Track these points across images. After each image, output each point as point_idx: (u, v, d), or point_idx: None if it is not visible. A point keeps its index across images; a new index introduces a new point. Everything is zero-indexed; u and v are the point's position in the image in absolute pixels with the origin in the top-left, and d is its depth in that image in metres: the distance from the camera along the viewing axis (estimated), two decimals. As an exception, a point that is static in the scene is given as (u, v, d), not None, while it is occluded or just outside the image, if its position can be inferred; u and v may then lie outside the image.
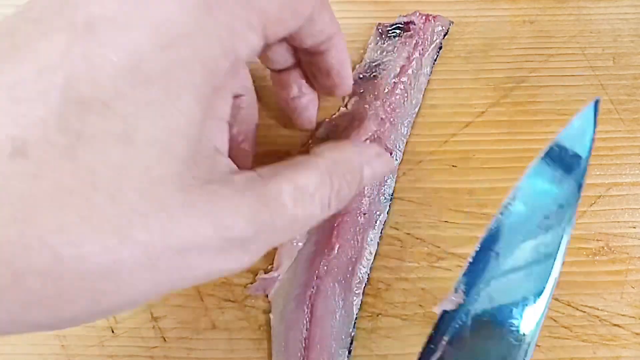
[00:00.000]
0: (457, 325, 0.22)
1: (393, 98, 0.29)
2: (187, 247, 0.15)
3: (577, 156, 0.24)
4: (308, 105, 0.26)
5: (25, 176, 0.13)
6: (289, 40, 0.22)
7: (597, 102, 0.24)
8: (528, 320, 0.22)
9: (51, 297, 0.14)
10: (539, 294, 0.22)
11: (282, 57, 0.24)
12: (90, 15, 0.15)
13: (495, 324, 0.22)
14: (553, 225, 0.23)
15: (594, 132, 0.24)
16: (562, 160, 0.24)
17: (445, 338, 0.22)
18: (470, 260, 0.23)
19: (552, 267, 0.23)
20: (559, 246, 0.23)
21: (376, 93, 0.29)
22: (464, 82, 0.31)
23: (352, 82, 0.25)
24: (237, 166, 0.19)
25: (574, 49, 0.32)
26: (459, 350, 0.22)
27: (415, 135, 0.30)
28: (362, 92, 0.29)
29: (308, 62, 0.24)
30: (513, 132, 0.30)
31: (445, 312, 0.23)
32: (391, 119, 0.29)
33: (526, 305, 0.22)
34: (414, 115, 0.30)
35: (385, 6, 0.33)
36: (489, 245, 0.23)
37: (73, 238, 0.14)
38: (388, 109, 0.29)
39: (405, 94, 0.30)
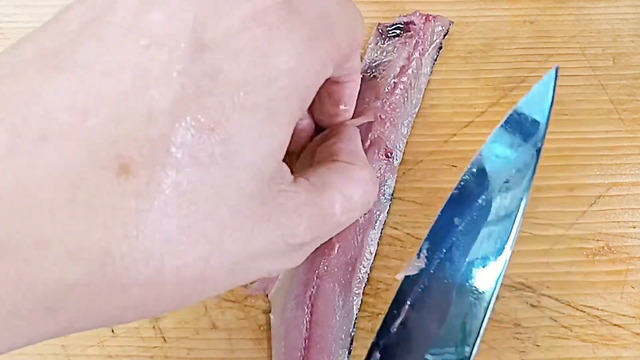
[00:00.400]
0: (419, 290, 0.23)
1: (393, 98, 0.29)
2: (261, 254, 0.17)
3: (536, 122, 0.24)
4: (306, 127, 0.27)
5: (133, 194, 0.14)
6: None
7: (557, 70, 0.25)
8: (488, 280, 0.23)
9: (148, 302, 0.15)
10: (499, 253, 0.23)
11: None
12: (201, 34, 0.15)
13: (456, 285, 0.23)
14: (512, 188, 0.24)
15: (553, 98, 0.24)
16: (522, 126, 0.24)
17: (408, 302, 0.23)
18: (433, 225, 0.24)
19: (511, 228, 0.23)
20: (518, 208, 0.23)
21: (376, 93, 0.29)
22: (464, 82, 0.31)
23: (350, 116, 0.26)
24: None
25: (574, 49, 0.32)
26: (421, 313, 0.23)
27: (415, 135, 0.30)
28: (361, 92, 0.29)
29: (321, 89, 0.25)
30: (513, 132, 0.30)
31: (407, 277, 0.24)
32: (391, 119, 0.29)
33: (486, 264, 0.23)
34: (414, 115, 0.30)
35: (386, 6, 0.33)
36: (450, 210, 0.24)
37: (174, 250, 0.15)
38: (388, 109, 0.29)
39: (405, 94, 0.30)
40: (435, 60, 0.31)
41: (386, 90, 0.29)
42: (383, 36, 0.31)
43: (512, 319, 0.27)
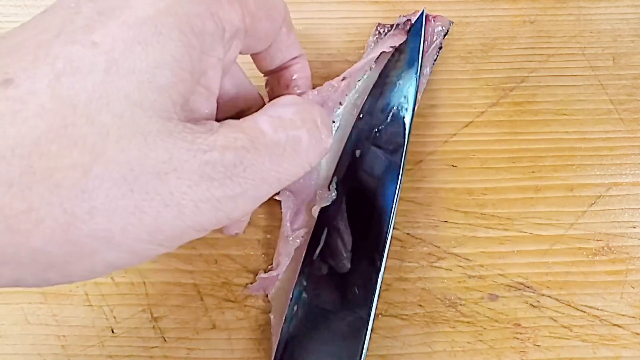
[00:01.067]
0: (332, 217, 0.27)
1: None
2: (164, 171, 0.16)
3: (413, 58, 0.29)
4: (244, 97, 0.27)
5: (12, 100, 0.15)
6: (261, 61, 0.24)
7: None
8: (388, 195, 0.26)
9: (19, 213, 0.15)
10: (396, 174, 0.27)
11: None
12: None
13: (363, 205, 0.27)
14: (397, 116, 0.28)
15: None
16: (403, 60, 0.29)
17: (325, 229, 0.27)
18: (338, 160, 0.28)
19: (403, 147, 0.27)
20: (405, 131, 0.27)
21: None
22: (464, 82, 0.31)
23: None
24: None
25: (574, 49, 0.32)
26: (337, 235, 0.26)
27: (415, 135, 0.30)
28: None
29: (270, 79, 0.26)
30: (513, 132, 0.30)
31: (322, 209, 0.27)
32: None
33: (384, 183, 0.27)
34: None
35: (386, 6, 0.33)
36: (350, 146, 0.28)
37: (45, 150, 0.15)
38: None
39: None
40: (435, 60, 0.31)
41: None
42: (382, 36, 0.31)
43: (512, 319, 0.27)
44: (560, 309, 0.27)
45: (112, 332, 0.27)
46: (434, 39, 0.31)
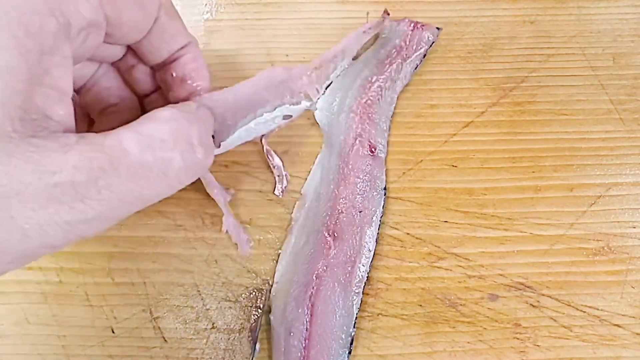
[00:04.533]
0: None
1: (370, 94, 0.30)
2: (5, 194, 0.15)
3: None
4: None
5: None
6: (145, 54, 0.23)
7: None
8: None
9: None
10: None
11: (145, 80, 0.24)
12: None
13: None
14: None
15: None
16: None
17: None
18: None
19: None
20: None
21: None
22: (464, 82, 0.31)
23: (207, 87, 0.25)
24: None
25: (574, 49, 0.32)
26: None
27: (415, 135, 0.30)
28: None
29: (163, 74, 0.24)
30: (513, 132, 0.30)
31: None
32: (369, 114, 0.29)
33: None
34: (391, 112, 0.30)
35: (385, 6, 0.33)
36: None
37: None
38: (364, 103, 0.30)
39: (380, 92, 0.30)
40: (416, 68, 0.31)
41: (364, 85, 0.30)
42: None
43: (512, 319, 0.27)
44: (560, 309, 0.27)
45: (112, 332, 0.27)
46: (420, 47, 0.31)
